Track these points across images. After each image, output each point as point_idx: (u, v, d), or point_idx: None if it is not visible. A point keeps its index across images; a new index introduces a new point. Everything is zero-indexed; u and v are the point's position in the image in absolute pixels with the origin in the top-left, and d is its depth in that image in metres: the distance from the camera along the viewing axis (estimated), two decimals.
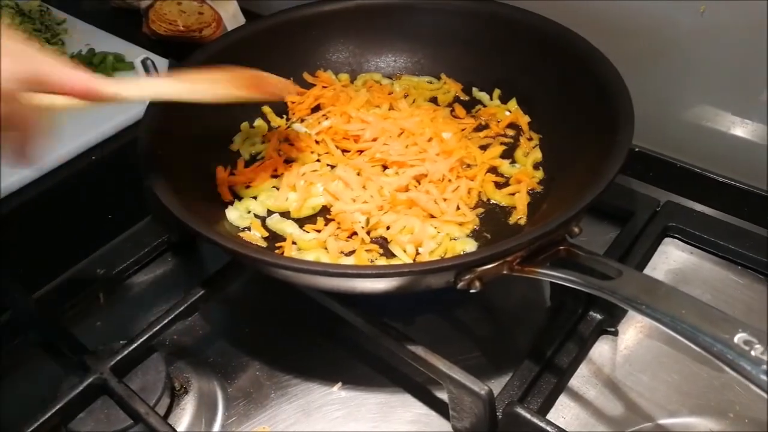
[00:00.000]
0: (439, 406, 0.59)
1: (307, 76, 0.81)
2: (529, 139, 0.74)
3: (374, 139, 0.72)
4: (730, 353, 0.40)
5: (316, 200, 0.68)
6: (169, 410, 0.59)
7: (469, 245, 0.63)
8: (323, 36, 0.81)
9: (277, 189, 0.69)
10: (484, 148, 0.73)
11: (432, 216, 0.65)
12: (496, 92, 0.79)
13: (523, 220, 0.65)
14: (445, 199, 0.66)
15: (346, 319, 0.60)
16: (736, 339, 0.41)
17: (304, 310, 0.67)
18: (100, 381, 0.57)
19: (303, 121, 0.77)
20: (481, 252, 0.52)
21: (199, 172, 0.69)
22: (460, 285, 0.52)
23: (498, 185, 0.69)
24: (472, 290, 0.52)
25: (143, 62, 0.87)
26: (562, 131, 0.71)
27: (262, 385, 0.62)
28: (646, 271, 0.69)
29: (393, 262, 0.62)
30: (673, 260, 0.71)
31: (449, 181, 0.68)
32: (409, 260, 0.62)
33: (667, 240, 0.72)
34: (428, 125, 0.73)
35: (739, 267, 0.69)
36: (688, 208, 0.74)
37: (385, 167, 0.71)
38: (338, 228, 0.65)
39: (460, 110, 0.78)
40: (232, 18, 1.04)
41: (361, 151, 0.72)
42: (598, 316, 0.63)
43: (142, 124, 0.65)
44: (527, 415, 0.52)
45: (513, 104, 0.77)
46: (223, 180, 0.69)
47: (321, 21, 0.80)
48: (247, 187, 0.70)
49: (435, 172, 0.68)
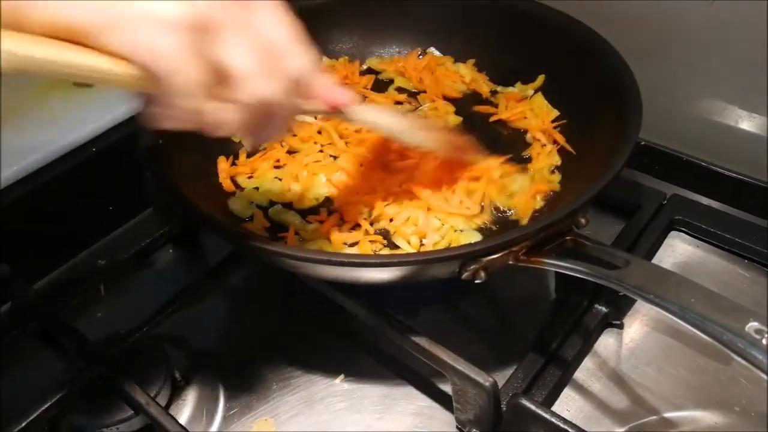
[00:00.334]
0: (442, 399, 0.59)
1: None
2: (543, 145, 0.71)
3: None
4: (740, 342, 0.40)
5: (319, 190, 0.67)
6: (170, 401, 0.59)
7: (474, 238, 0.62)
8: (327, 26, 0.80)
9: (280, 180, 0.69)
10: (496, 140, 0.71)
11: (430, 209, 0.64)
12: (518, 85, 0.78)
13: (524, 221, 0.64)
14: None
15: (350, 311, 0.60)
16: (747, 328, 0.40)
17: (307, 302, 0.67)
18: (100, 372, 0.57)
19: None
20: (487, 242, 0.51)
21: (201, 163, 0.68)
22: (465, 275, 0.51)
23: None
24: (477, 281, 0.51)
25: None
26: (571, 124, 0.71)
27: (264, 377, 0.62)
28: None
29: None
30: (679, 253, 0.70)
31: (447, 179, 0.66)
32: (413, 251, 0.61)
33: (673, 233, 0.72)
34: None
35: (746, 260, 0.69)
36: (694, 201, 0.73)
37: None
38: (341, 219, 0.65)
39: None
40: None
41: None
42: (604, 309, 0.62)
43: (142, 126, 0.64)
44: (532, 407, 0.52)
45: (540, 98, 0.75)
46: (225, 170, 0.69)
47: (325, 11, 0.80)
48: (250, 178, 0.69)
49: (425, 170, 0.66)
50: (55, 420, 0.56)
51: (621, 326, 0.64)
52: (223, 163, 0.69)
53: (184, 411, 0.59)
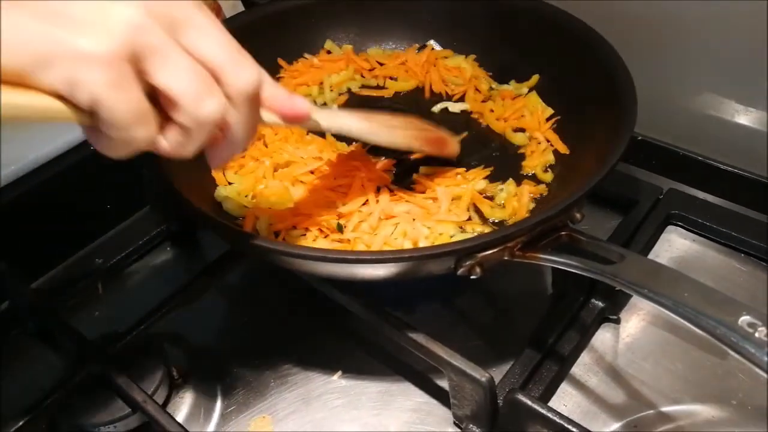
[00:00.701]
0: (439, 395, 0.59)
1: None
2: (538, 142, 0.70)
3: None
4: (733, 336, 0.40)
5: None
6: (168, 399, 0.59)
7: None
8: (323, 23, 0.80)
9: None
10: None
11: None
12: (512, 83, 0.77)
13: (512, 220, 0.63)
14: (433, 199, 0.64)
15: (347, 308, 0.60)
16: (740, 321, 0.40)
17: (304, 299, 0.67)
18: (98, 370, 0.57)
19: None
20: (483, 237, 0.51)
21: (197, 159, 0.68)
22: (461, 271, 0.51)
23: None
24: (472, 276, 0.51)
25: None
26: (568, 120, 0.70)
27: (261, 374, 0.62)
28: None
29: None
30: (676, 248, 0.70)
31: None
32: None
33: (669, 228, 0.72)
34: None
35: (742, 254, 0.69)
36: (691, 195, 0.74)
37: None
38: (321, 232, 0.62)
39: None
40: (231, 7, 1.03)
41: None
42: (600, 304, 0.62)
43: None
44: (528, 402, 0.52)
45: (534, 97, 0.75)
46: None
47: (321, 7, 0.80)
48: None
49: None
50: (53, 418, 0.56)
51: (618, 321, 0.64)
52: None
53: (182, 409, 0.59)
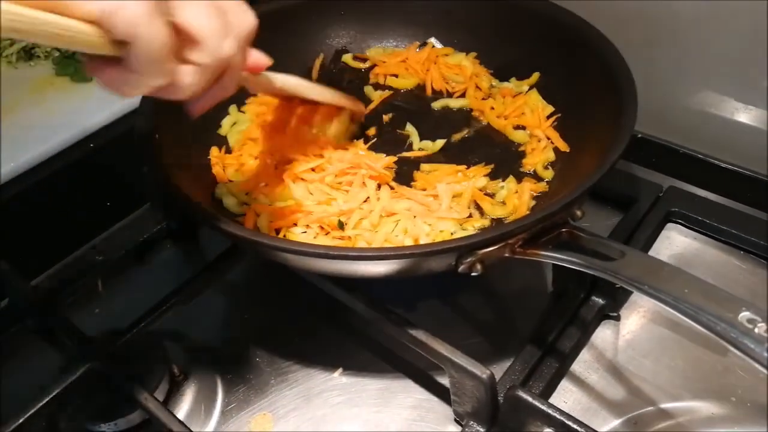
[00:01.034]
0: (440, 391, 0.59)
1: None
2: (539, 140, 0.70)
3: None
4: (733, 332, 0.40)
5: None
6: (169, 396, 0.59)
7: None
8: (323, 21, 0.80)
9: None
10: None
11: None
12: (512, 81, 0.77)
13: (513, 217, 0.63)
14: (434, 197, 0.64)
15: (348, 305, 0.60)
16: (740, 317, 0.40)
17: (305, 296, 0.67)
18: (98, 367, 0.57)
19: None
20: (484, 234, 0.52)
21: (197, 157, 0.69)
22: (462, 268, 0.51)
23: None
24: (473, 273, 0.51)
25: None
26: (568, 118, 0.70)
27: (262, 372, 0.62)
28: None
29: None
30: (675, 245, 0.71)
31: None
32: None
33: (669, 225, 0.72)
34: None
35: (742, 252, 0.69)
36: (690, 193, 0.74)
37: None
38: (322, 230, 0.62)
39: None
40: None
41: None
42: (600, 301, 0.63)
43: (140, 110, 0.64)
44: (529, 399, 0.52)
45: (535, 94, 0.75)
46: (217, 159, 0.69)
47: (322, 6, 0.79)
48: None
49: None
50: (54, 416, 0.56)
51: (618, 318, 0.64)
52: (216, 152, 0.69)
53: (183, 406, 0.59)
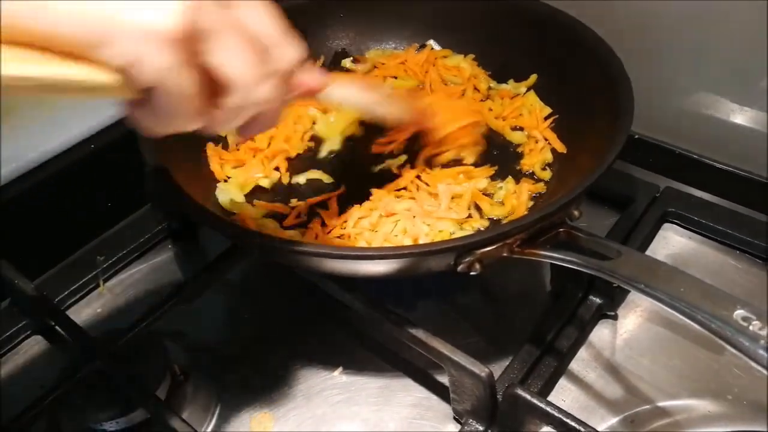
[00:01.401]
0: (439, 390, 0.60)
1: None
2: (536, 141, 0.71)
3: None
4: (728, 329, 0.40)
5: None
6: (170, 395, 0.59)
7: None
8: (322, 23, 0.81)
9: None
10: None
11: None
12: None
13: (511, 218, 0.64)
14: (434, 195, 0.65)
15: (348, 305, 0.60)
16: (735, 315, 0.41)
17: (305, 296, 0.67)
18: (100, 367, 0.57)
19: None
20: (482, 234, 0.52)
21: (198, 157, 0.69)
22: (461, 268, 0.52)
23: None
24: (472, 273, 0.52)
25: None
26: (565, 119, 0.71)
27: (262, 371, 0.62)
28: None
29: None
30: (672, 245, 0.71)
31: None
32: None
33: (666, 225, 0.73)
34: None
35: (738, 252, 0.69)
36: (687, 193, 0.74)
37: None
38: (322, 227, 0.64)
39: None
40: None
41: None
42: (598, 300, 0.63)
43: None
44: (528, 397, 0.52)
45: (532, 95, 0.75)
46: (215, 157, 0.69)
47: (320, 8, 0.80)
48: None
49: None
50: (55, 415, 0.56)
51: (615, 317, 0.64)
52: (213, 150, 0.70)
53: (184, 405, 0.59)
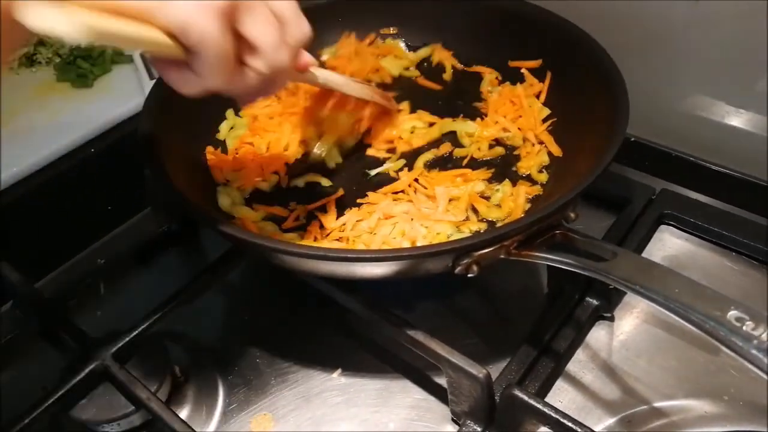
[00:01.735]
0: (438, 391, 0.60)
1: None
2: (533, 144, 0.71)
3: None
4: (722, 330, 0.41)
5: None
6: (171, 397, 0.60)
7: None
8: (322, 25, 0.80)
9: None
10: None
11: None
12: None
13: (508, 220, 0.64)
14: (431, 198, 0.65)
15: (347, 306, 0.61)
16: (728, 316, 0.41)
17: (304, 298, 0.68)
18: (101, 368, 0.58)
19: None
20: (480, 236, 0.53)
21: (197, 160, 0.70)
22: (458, 269, 0.52)
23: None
24: (469, 275, 0.53)
25: (142, 55, 0.87)
26: (562, 121, 0.71)
27: (262, 372, 0.63)
28: None
29: None
30: (668, 247, 0.72)
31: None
32: None
33: (662, 227, 0.73)
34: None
35: (734, 253, 0.70)
36: (683, 196, 0.75)
37: None
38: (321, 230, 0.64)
39: None
40: None
41: None
42: (595, 302, 0.63)
43: (142, 115, 0.65)
44: (525, 398, 0.52)
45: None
46: (213, 161, 0.70)
47: (320, 10, 0.80)
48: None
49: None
50: (57, 416, 0.57)
51: (612, 319, 0.65)
52: (212, 154, 0.70)
53: (184, 406, 0.60)
